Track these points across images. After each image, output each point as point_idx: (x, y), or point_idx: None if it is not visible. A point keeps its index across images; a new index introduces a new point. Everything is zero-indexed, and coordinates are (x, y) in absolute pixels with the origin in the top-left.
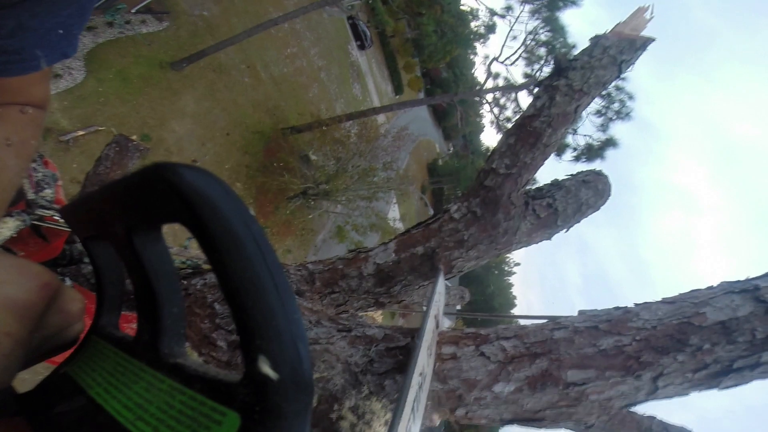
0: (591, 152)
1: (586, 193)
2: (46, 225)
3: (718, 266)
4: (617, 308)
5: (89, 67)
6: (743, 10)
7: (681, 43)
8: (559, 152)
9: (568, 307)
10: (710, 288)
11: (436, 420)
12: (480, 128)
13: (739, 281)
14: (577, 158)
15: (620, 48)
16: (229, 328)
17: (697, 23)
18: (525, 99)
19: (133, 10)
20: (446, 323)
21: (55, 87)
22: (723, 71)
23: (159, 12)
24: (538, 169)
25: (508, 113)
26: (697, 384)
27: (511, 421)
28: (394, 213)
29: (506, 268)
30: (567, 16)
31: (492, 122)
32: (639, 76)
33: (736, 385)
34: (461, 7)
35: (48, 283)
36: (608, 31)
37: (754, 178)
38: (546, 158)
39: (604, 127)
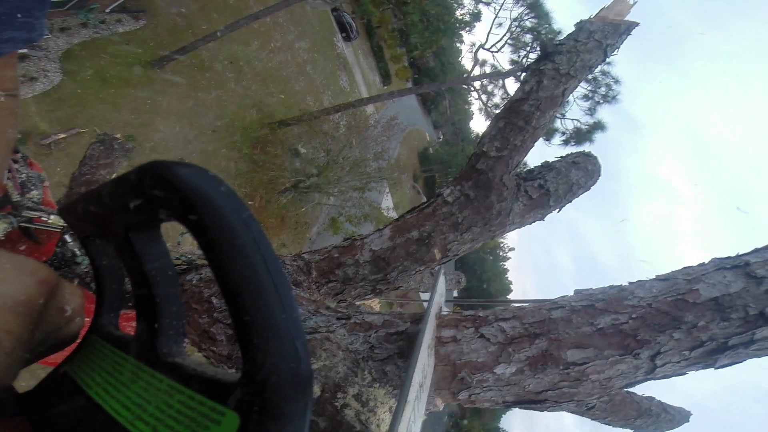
0: (580, 136)
1: (577, 174)
2: (35, 227)
3: (698, 252)
4: (612, 287)
5: (65, 68)
6: (714, 11)
7: (658, 42)
8: (549, 136)
9: (563, 293)
10: (702, 265)
11: (440, 404)
12: (469, 116)
13: (729, 257)
14: (566, 142)
15: (605, 32)
16: (227, 321)
17: (673, 23)
18: (512, 85)
19: (107, 10)
20: (444, 312)
21: (31, 90)
22: (696, 68)
23: (135, 10)
24: (528, 151)
25: (496, 100)
26: (694, 362)
27: (513, 404)
28: (387, 202)
29: (501, 254)
30: (551, 2)
31: (480, 109)
32: (622, 72)
33: (732, 363)
34: None
35: (46, 278)
36: (593, 16)
37: (727, 170)
38: (535, 140)
39: (591, 111)
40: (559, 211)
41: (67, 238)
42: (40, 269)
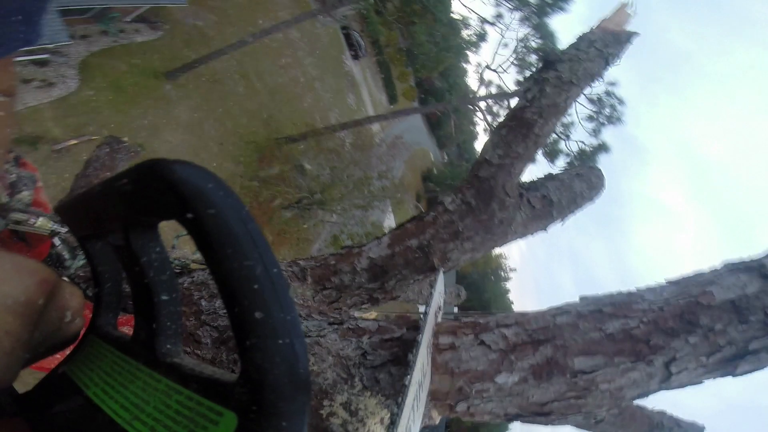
0: (584, 157)
1: (580, 186)
2: (23, 229)
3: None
4: (620, 292)
5: (83, 75)
6: (713, 33)
7: (659, 64)
8: (553, 158)
9: None
10: (713, 268)
11: (436, 417)
12: (474, 136)
13: (742, 260)
14: (570, 164)
15: (606, 42)
16: (214, 324)
17: (673, 46)
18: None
19: (127, 19)
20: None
21: (48, 95)
22: (695, 91)
23: (153, 21)
24: (530, 159)
25: (502, 120)
26: (712, 369)
27: (516, 417)
28: (389, 222)
29: (503, 274)
30: (556, 23)
31: (485, 130)
32: (625, 95)
33: (753, 369)
34: (452, 15)
35: (46, 279)
36: (594, 26)
37: (724, 194)
38: (538, 148)
39: (596, 132)
40: (562, 223)
41: (55, 241)
42: (40, 269)
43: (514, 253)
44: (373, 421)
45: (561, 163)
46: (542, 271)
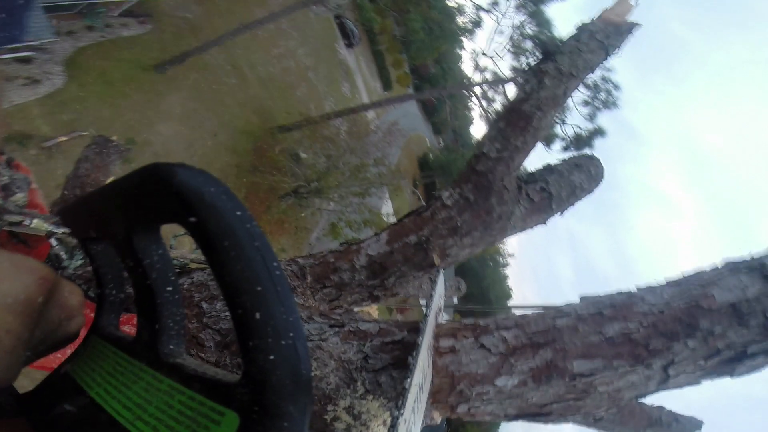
0: (580, 142)
1: (579, 177)
2: (19, 230)
3: (696, 261)
4: (620, 293)
5: (70, 71)
6: (712, 23)
7: (659, 53)
8: (549, 142)
9: (563, 299)
10: (715, 268)
11: (437, 418)
12: (469, 122)
13: (744, 260)
14: (566, 148)
15: (606, 33)
16: (216, 327)
17: (671, 34)
18: (513, 91)
19: (114, 14)
20: (444, 318)
21: (35, 93)
22: (693, 80)
23: (141, 15)
24: (529, 152)
25: (497, 106)
26: (709, 372)
27: (516, 417)
28: (387, 208)
29: (501, 260)
30: (552, 11)
31: (481, 115)
32: (622, 80)
33: (750, 371)
34: (447, 3)
35: (45, 277)
36: (595, 17)
37: (721, 183)
38: (536, 141)
39: (591, 117)
40: (561, 215)
41: (52, 242)
42: (39, 268)
43: (512, 239)
44: (375, 423)
45: (557, 146)
46: (540, 257)
